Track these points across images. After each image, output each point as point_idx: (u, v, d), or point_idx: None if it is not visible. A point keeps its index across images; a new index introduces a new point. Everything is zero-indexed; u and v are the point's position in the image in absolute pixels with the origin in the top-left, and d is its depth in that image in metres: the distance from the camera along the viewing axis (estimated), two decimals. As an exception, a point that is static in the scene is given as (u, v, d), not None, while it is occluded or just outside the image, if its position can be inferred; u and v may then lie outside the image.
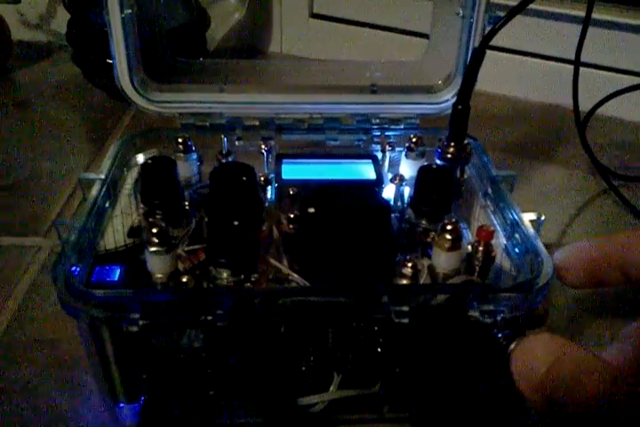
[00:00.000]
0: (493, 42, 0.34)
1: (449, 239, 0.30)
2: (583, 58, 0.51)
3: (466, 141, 0.37)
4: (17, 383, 0.35)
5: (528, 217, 0.33)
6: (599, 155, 0.54)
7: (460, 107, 0.35)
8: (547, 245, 0.31)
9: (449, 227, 0.30)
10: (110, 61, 0.60)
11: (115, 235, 0.34)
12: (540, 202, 0.52)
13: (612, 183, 0.52)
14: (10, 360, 0.37)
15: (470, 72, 0.34)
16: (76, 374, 0.35)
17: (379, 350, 0.30)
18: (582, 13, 0.48)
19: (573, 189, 0.54)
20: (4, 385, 0.35)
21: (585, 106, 0.54)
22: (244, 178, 0.33)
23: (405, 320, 0.27)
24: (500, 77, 0.62)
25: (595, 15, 0.49)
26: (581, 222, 0.50)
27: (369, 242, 0.30)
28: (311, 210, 0.30)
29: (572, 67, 0.52)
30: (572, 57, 0.51)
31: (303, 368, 0.30)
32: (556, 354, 0.26)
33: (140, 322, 0.26)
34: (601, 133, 0.60)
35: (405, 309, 0.27)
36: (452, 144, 0.36)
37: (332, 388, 0.31)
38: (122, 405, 0.32)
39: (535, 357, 0.27)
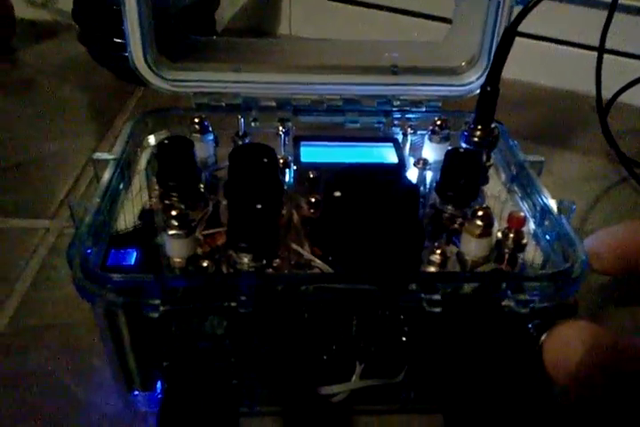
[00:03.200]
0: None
1: (480, 225, 0.29)
2: (607, 44, 0.49)
3: (493, 125, 0.35)
4: (27, 369, 0.34)
5: (555, 204, 0.32)
6: (619, 142, 0.53)
7: (488, 88, 0.34)
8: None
9: (480, 213, 0.29)
10: (118, 40, 0.60)
11: (125, 217, 0.33)
12: (559, 189, 0.51)
13: (633, 171, 0.51)
14: (20, 345, 0.36)
15: (500, 53, 0.33)
16: (88, 359, 0.34)
17: (403, 339, 0.29)
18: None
19: (593, 176, 0.53)
20: (14, 371, 0.34)
21: (605, 93, 0.53)
22: (265, 160, 0.31)
23: (438, 309, 0.26)
24: (518, 63, 0.60)
25: (621, 0, 0.48)
26: (601, 210, 0.49)
27: (397, 227, 0.28)
28: (337, 193, 0.29)
29: (591, 53, 0.50)
30: (594, 43, 0.50)
31: (325, 357, 0.29)
32: (590, 342, 0.25)
33: (161, 308, 0.25)
34: (621, 121, 0.58)
35: (437, 297, 0.26)
36: (480, 127, 0.35)
37: (354, 377, 0.30)
38: (136, 393, 0.31)
39: (569, 345, 0.26)
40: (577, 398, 0.26)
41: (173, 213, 0.28)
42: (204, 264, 0.28)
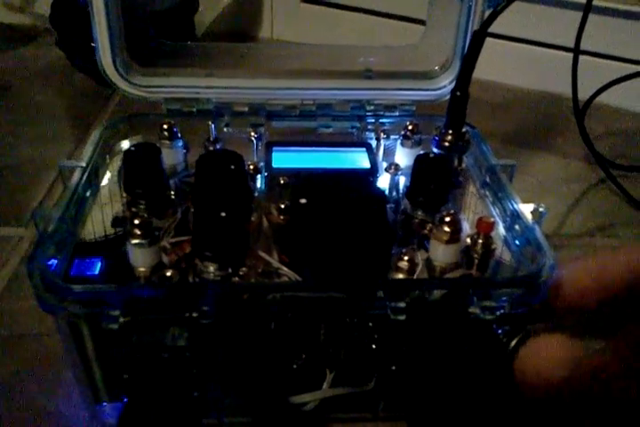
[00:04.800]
0: (489, 28, 0.32)
1: (447, 231, 0.29)
2: (582, 45, 0.49)
3: (464, 129, 0.35)
4: (-6, 381, 0.34)
5: (528, 208, 0.31)
6: (597, 144, 0.53)
7: (458, 93, 0.34)
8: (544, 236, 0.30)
9: (447, 218, 0.29)
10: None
11: (94, 225, 0.32)
12: (537, 192, 0.51)
13: (610, 173, 0.51)
14: (-12, 356, 0.35)
15: (470, 57, 0.33)
16: (57, 370, 0.34)
17: (373, 346, 0.29)
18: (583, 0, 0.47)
19: (571, 178, 0.53)
20: (-19, 382, 0.33)
21: (583, 95, 0.53)
22: (232, 166, 0.31)
23: (402, 317, 0.25)
24: (495, 65, 0.60)
25: (595, 2, 0.48)
26: (579, 212, 0.49)
27: (363, 234, 0.28)
28: (303, 200, 0.29)
29: (568, 54, 0.50)
30: (570, 44, 0.50)
31: (295, 366, 0.29)
32: (571, 362, 0.25)
33: (121, 319, 0.24)
34: (599, 122, 0.59)
35: (402, 305, 0.25)
36: (450, 132, 0.34)
37: (324, 386, 0.30)
38: (104, 404, 0.30)
39: (547, 362, 0.25)
40: (543, 412, 0.25)
41: (136, 221, 0.27)
42: (168, 274, 0.28)
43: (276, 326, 0.28)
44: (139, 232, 0.27)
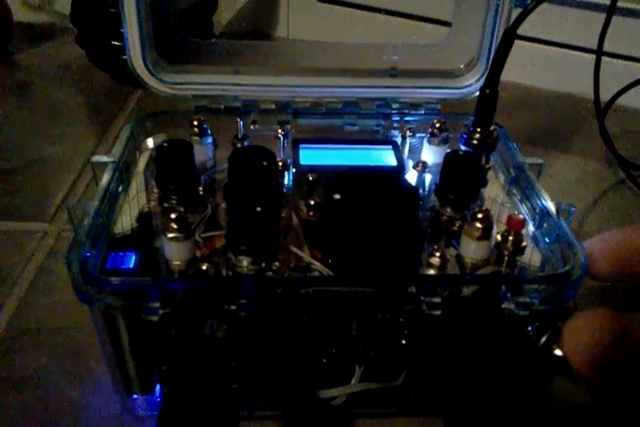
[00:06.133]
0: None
1: (479, 228, 0.29)
2: (604, 47, 0.50)
3: (492, 128, 0.35)
4: (25, 373, 0.34)
5: (554, 206, 0.32)
6: (617, 145, 0.53)
7: (487, 91, 0.34)
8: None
9: (480, 215, 0.29)
10: (116, 43, 0.60)
11: (122, 219, 0.33)
12: (557, 192, 0.51)
13: (630, 173, 0.51)
14: (17, 350, 0.35)
15: (500, 55, 0.33)
16: (86, 363, 0.34)
17: (403, 342, 0.29)
18: (607, 1, 0.47)
19: (591, 179, 0.53)
20: (10, 375, 0.34)
21: (602, 96, 0.53)
22: (265, 162, 0.31)
23: (438, 312, 0.26)
24: (517, 66, 0.60)
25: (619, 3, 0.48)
26: (599, 213, 0.49)
27: (397, 230, 0.28)
28: (337, 196, 0.29)
29: (587, 55, 0.51)
30: (589, 45, 0.50)
31: (324, 360, 0.29)
32: (606, 327, 0.25)
33: (161, 311, 0.25)
34: (619, 123, 0.58)
35: (437, 300, 0.26)
36: (479, 130, 0.35)
37: (353, 380, 0.30)
38: (135, 396, 0.31)
39: (586, 333, 0.26)
40: (595, 384, 0.26)
41: (172, 216, 0.28)
42: (204, 267, 0.28)
43: (307, 320, 0.28)
44: (175, 226, 0.28)
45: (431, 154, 0.38)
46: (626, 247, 0.30)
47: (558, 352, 0.27)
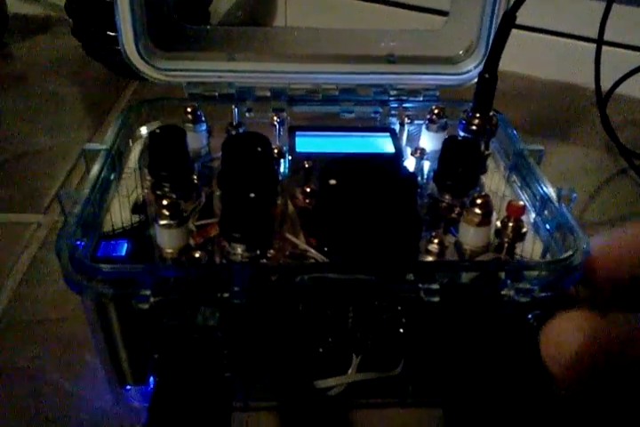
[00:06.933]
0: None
1: (479, 214, 0.28)
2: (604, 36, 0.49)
3: (491, 113, 0.35)
4: (18, 365, 0.33)
5: (555, 192, 0.31)
6: (618, 134, 0.52)
7: (486, 75, 0.33)
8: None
9: (479, 201, 0.28)
10: (111, 34, 0.59)
11: (114, 208, 0.32)
12: (558, 181, 0.50)
13: (632, 162, 0.50)
14: (10, 341, 0.35)
15: (499, 39, 0.32)
16: (79, 354, 0.34)
17: (401, 330, 0.29)
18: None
19: (592, 168, 0.52)
20: (4, 366, 0.33)
21: (603, 85, 0.52)
22: (259, 149, 0.31)
23: (436, 299, 0.25)
24: (516, 55, 0.60)
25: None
26: (600, 202, 0.49)
27: (394, 216, 0.28)
28: (332, 182, 0.28)
29: (586, 44, 0.50)
30: (588, 34, 0.50)
31: (321, 349, 0.29)
32: (590, 331, 0.24)
33: (152, 299, 0.24)
34: (620, 112, 0.58)
35: (435, 287, 0.25)
36: (478, 115, 0.34)
37: (350, 370, 0.29)
38: (128, 387, 0.30)
39: (564, 336, 0.25)
40: (574, 390, 0.25)
41: (165, 202, 0.27)
42: (197, 255, 0.28)
43: (303, 308, 0.27)
44: (167, 213, 0.27)
45: (429, 141, 0.37)
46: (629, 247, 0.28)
47: None
